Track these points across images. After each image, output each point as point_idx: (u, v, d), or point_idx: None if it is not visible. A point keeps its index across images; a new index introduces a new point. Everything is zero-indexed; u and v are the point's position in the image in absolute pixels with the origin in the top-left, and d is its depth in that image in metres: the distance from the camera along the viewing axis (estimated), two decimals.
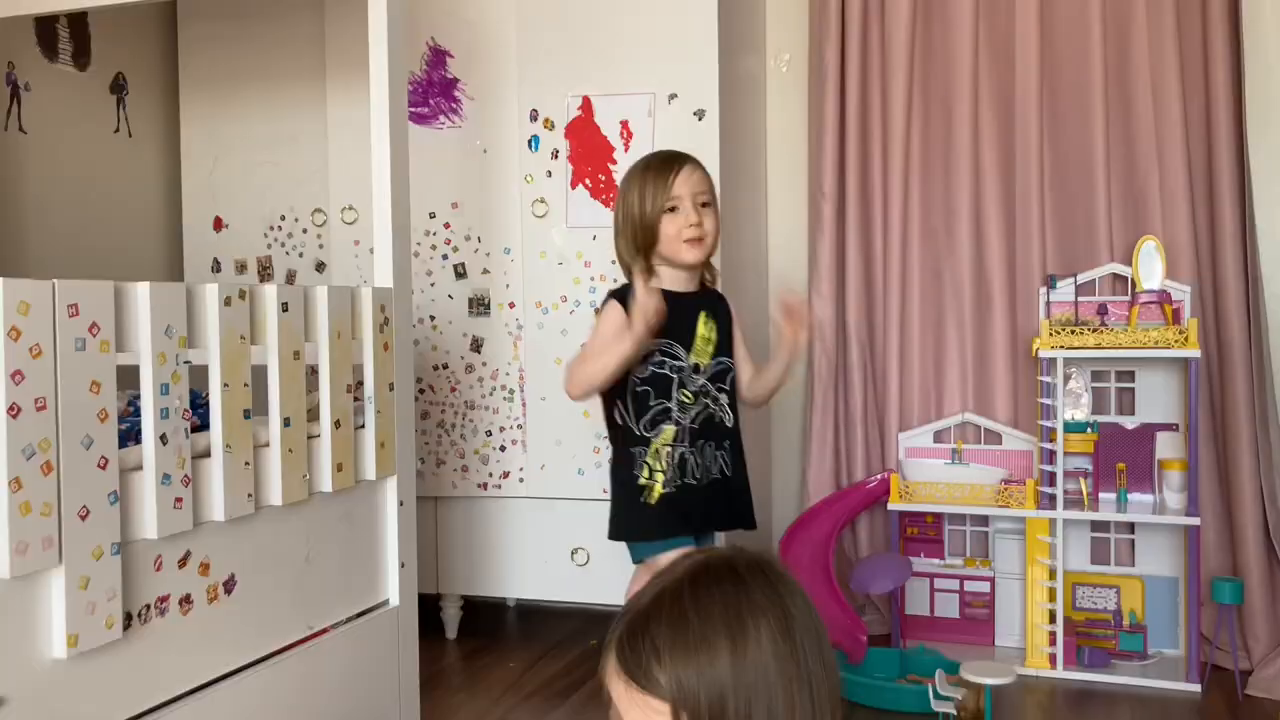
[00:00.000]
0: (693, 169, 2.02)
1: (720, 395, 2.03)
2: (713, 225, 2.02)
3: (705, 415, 2.01)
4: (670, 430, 1.99)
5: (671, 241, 1.99)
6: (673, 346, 1.99)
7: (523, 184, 2.80)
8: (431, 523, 2.88)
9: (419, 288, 2.87)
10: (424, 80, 2.89)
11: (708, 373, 2.02)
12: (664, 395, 1.99)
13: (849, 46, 2.94)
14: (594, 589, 2.78)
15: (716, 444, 2.02)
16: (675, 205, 1.99)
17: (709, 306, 2.05)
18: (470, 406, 2.85)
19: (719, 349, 2.04)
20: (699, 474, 2.00)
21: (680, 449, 1.99)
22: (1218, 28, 2.64)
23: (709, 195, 2.03)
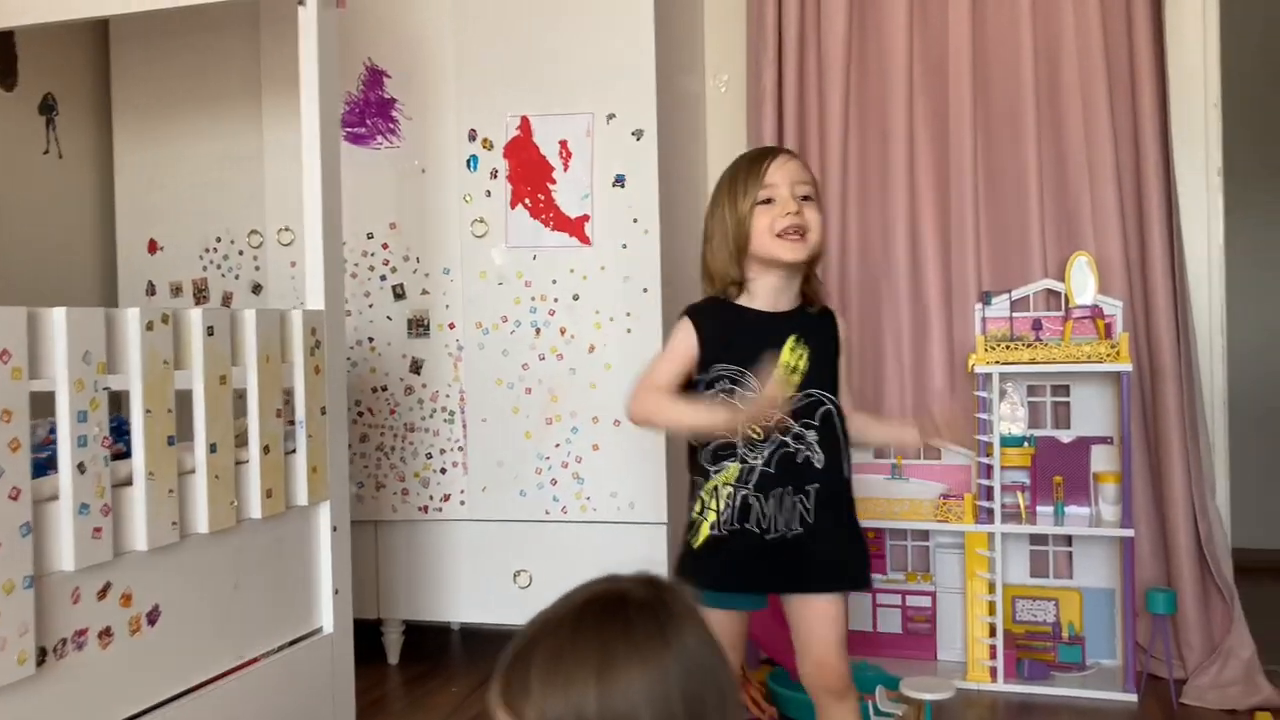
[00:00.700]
0: (789, 158, 1.77)
1: (808, 433, 1.72)
2: (817, 219, 1.73)
3: (783, 456, 1.71)
4: (734, 469, 1.71)
5: (763, 236, 1.71)
6: (744, 375, 1.70)
7: (462, 204, 2.79)
8: (372, 547, 2.85)
9: (357, 309, 2.84)
10: (361, 100, 2.87)
11: (789, 407, 1.69)
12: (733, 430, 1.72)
13: (786, 67, 2.96)
14: (538, 611, 2.75)
15: (795, 489, 1.71)
16: (770, 196, 1.72)
17: (803, 328, 1.75)
18: (410, 429, 2.82)
19: (810, 379, 1.72)
20: (765, 523, 1.70)
21: (743, 492, 1.71)
22: (1143, 48, 2.69)
23: (811, 187, 1.76)
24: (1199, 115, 2.81)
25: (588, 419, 2.70)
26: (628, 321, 2.68)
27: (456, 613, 2.85)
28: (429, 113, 2.81)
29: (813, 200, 1.74)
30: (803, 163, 1.78)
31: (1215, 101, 2.82)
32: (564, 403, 2.71)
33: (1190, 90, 2.81)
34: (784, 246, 1.70)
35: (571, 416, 2.71)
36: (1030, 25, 2.77)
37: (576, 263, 2.71)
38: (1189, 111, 2.80)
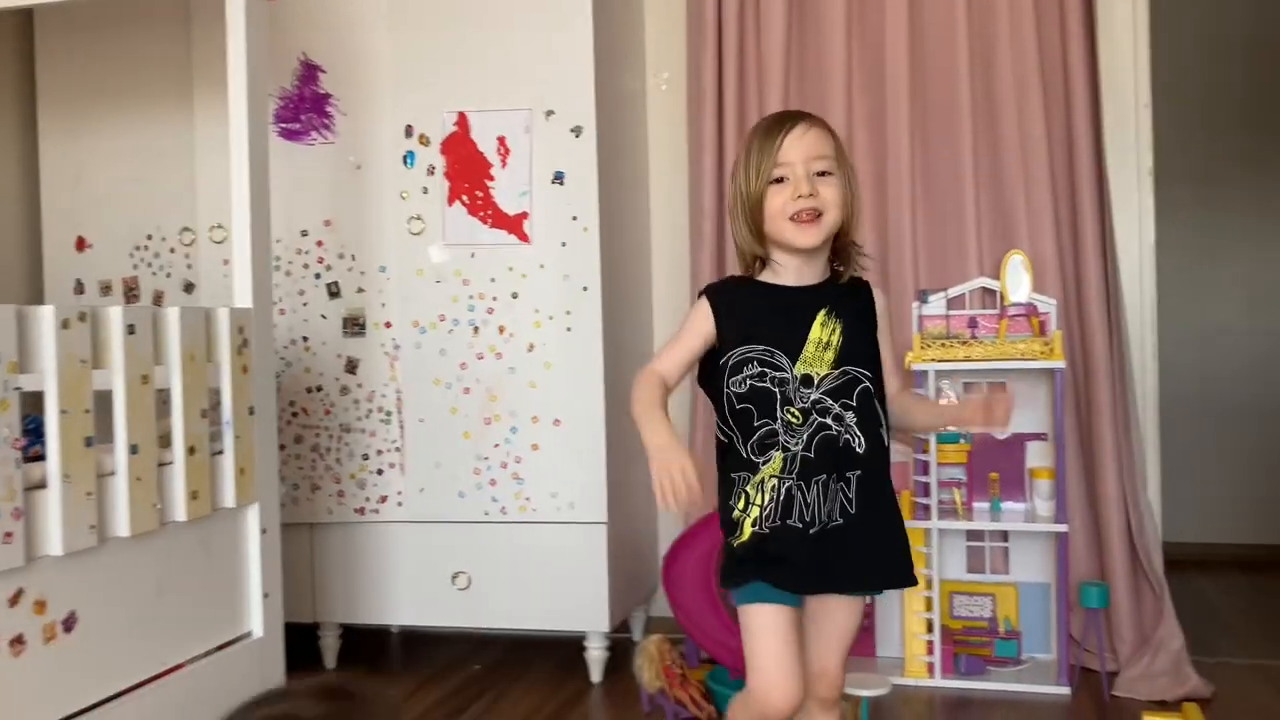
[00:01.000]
0: (807, 128, 1.60)
1: (846, 414, 1.59)
2: (835, 196, 1.58)
3: (823, 440, 1.58)
4: (779, 459, 1.58)
5: (776, 219, 1.59)
6: (774, 354, 1.59)
7: (398, 201, 2.75)
8: (307, 549, 2.80)
9: (291, 307, 2.79)
10: (296, 95, 2.82)
11: (826, 385, 1.58)
12: (768, 414, 1.58)
13: (726, 65, 2.96)
14: (477, 613, 2.73)
15: (838, 476, 1.58)
16: (783, 175, 1.58)
17: (834, 301, 1.62)
18: (346, 429, 2.78)
19: (844, 355, 1.60)
20: (808, 515, 1.57)
21: (787, 483, 1.57)
22: (1076, 51, 2.72)
23: (831, 160, 1.59)
24: (1130, 116, 2.86)
25: (527, 419, 2.67)
26: (567, 320, 2.66)
27: (395, 615, 2.81)
28: (365, 108, 2.77)
29: (831, 175, 1.59)
30: (823, 129, 1.61)
31: (1146, 103, 2.86)
32: (503, 402, 2.68)
33: (1121, 92, 2.85)
34: (796, 231, 1.58)
35: (511, 416, 2.68)
36: (965, 28, 2.80)
37: (515, 260, 2.68)
38: (1120, 113, 2.85)
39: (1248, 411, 3.94)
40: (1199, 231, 3.99)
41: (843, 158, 1.62)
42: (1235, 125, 3.95)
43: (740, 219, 1.63)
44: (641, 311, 3.11)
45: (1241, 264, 4.01)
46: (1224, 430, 3.97)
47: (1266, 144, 3.91)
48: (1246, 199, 3.97)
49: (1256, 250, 3.97)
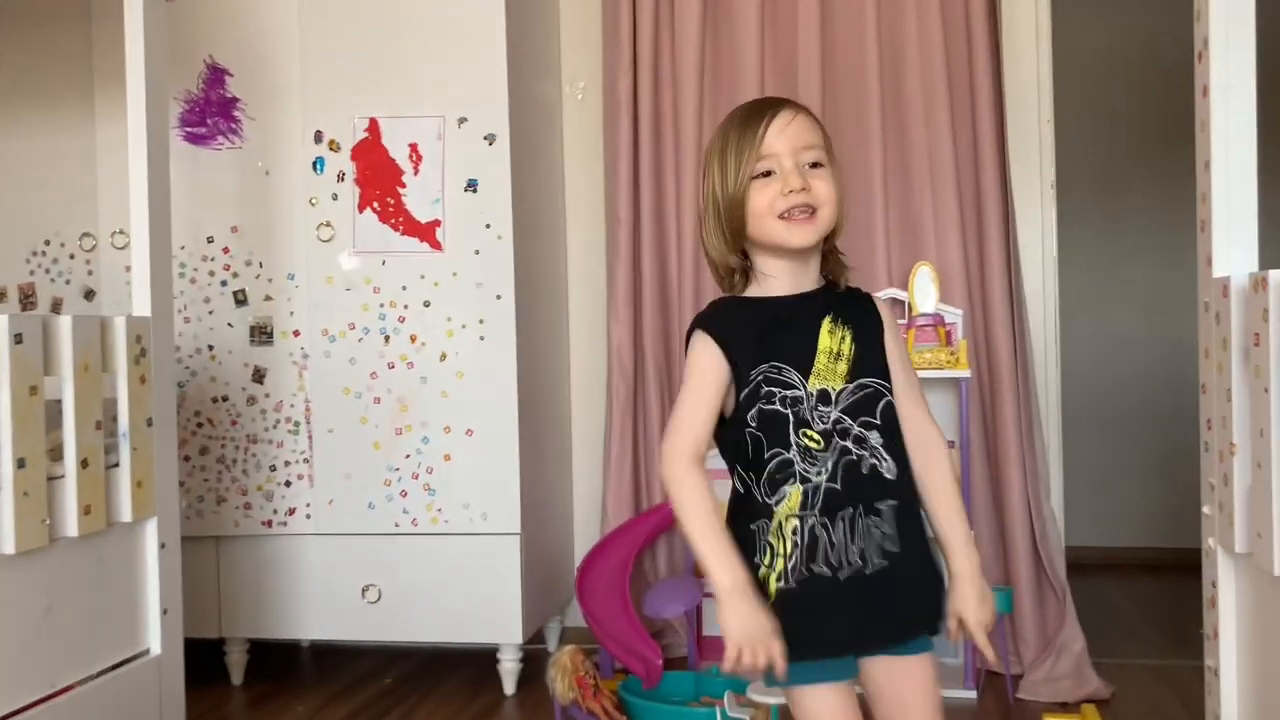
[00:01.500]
0: (791, 115, 1.38)
1: (870, 434, 1.35)
2: (829, 191, 1.37)
3: (847, 466, 1.33)
4: (796, 494, 1.32)
5: (763, 218, 1.36)
6: (782, 370, 1.34)
7: (307, 207, 2.70)
8: (213, 563, 2.73)
9: (196, 315, 2.73)
10: (202, 99, 2.76)
11: (843, 402, 1.35)
12: (780, 442, 1.33)
13: (641, 74, 2.97)
14: (387, 627, 2.69)
15: (868, 507, 1.33)
16: (769, 168, 1.36)
17: (837, 307, 1.40)
18: (253, 440, 2.72)
19: (859, 366, 1.37)
20: (834, 558, 1.32)
21: (810, 520, 1.32)
22: (981, 67, 2.79)
23: (821, 150, 1.39)
24: (1033, 131, 2.93)
25: (439, 429, 2.64)
26: (481, 329, 2.64)
27: (304, 630, 2.75)
28: (273, 113, 2.72)
29: (822, 166, 1.38)
30: (809, 118, 1.40)
31: (1048, 118, 2.94)
32: (414, 412, 2.65)
33: (1025, 107, 2.93)
34: (789, 230, 1.35)
35: (422, 426, 2.65)
36: (875, 43, 2.84)
37: (427, 268, 2.66)
38: (1024, 128, 2.92)
39: (1149, 418, 4.07)
40: (1102, 242, 4.12)
41: (830, 148, 1.41)
42: (1136, 139, 4.08)
43: (714, 225, 1.40)
44: (557, 320, 3.10)
45: (1142, 274, 4.14)
46: (1126, 436, 4.09)
47: (1166, 156, 4.03)
48: (1147, 210, 4.10)
49: (1156, 261, 4.10)
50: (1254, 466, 1.50)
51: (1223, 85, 1.62)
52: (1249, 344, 1.52)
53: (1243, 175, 1.64)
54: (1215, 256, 1.66)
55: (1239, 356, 1.56)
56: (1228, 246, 1.65)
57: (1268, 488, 1.44)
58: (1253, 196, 1.64)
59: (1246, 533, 1.54)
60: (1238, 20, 1.61)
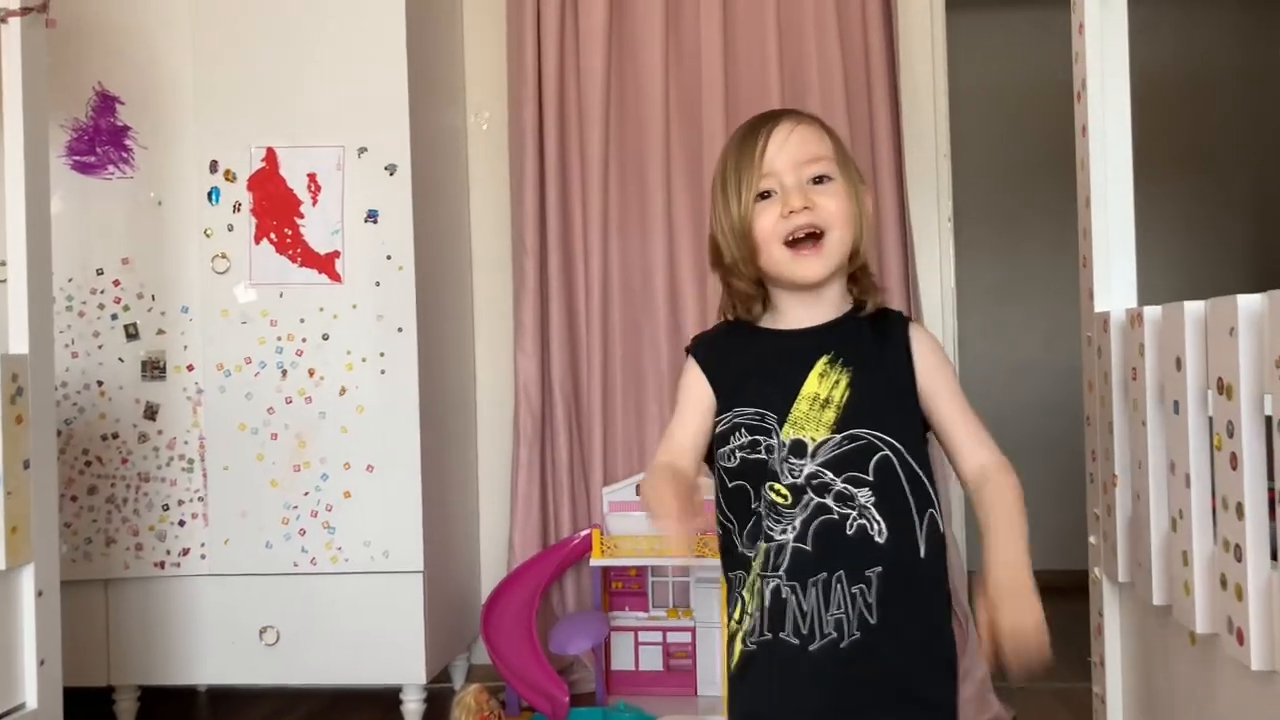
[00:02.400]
0: (791, 126, 1.27)
1: (859, 492, 1.22)
2: (838, 208, 1.24)
3: (823, 526, 1.21)
4: (764, 549, 1.23)
5: (768, 245, 1.25)
6: (764, 417, 1.25)
7: (202, 238, 2.63)
8: (101, 607, 2.63)
9: (84, 350, 2.63)
10: (91, 127, 2.67)
11: (824, 455, 1.22)
12: (756, 494, 1.25)
13: (546, 105, 2.97)
14: (286, 669, 2.61)
15: (851, 575, 1.20)
16: (769, 188, 1.26)
17: (842, 344, 1.27)
18: (144, 479, 2.63)
19: (852, 415, 1.23)
20: (804, 627, 1.20)
21: (773, 582, 1.22)
22: (880, 103, 2.85)
23: (830, 162, 1.27)
24: (931, 165, 3.00)
25: (339, 465, 2.59)
26: (381, 362, 2.60)
27: (200, 674, 2.66)
28: (166, 142, 2.65)
29: (831, 180, 1.26)
30: (813, 127, 1.29)
31: (945, 153, 3.01)
32: (313, 448, 2.59)
33: (923, 142, 2.99)
34: (795, 262, 1.24)
35: (321, 463, 2.59)
36: (778, 77, 2.88)
37: (326, 300, 2.60)
38: (922, 162, 2.98)
39: (1046, 444, 4.15)
40: (999, 273, 4.22)
41: (845, 159, 1.30)
42: (1031, 172, 4.20)
43: (730, 255, 1.28)
44: (462, 353, 3.06)
45: (1038, 304, 4.25)
46: (1024, 462, 4.07)
47: (1060, 190, 4.14)
48: (1043, 242, 4.22)
49: (1052, 291, 4.21)
50: (1133, 498, 1.54)
51: (1099, 125, 1.68)
52: (1127, 378, 1.56)
53: (1121, 212, 1.69)
54: (1096, 291, 1.71)
55: (1119, 390, 1.60)
56: (1108, 282, 1.69)
57: (1145, 519, 1.47)
58: (1130, 233, 1.70)
59: (1128, 563, 1.57)
60: (1112, 62, 1.67)
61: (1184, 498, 1.34)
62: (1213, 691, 1.34)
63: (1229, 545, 1.21)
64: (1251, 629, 1.16)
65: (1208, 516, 1.31)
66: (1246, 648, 1.17)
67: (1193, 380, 1.31)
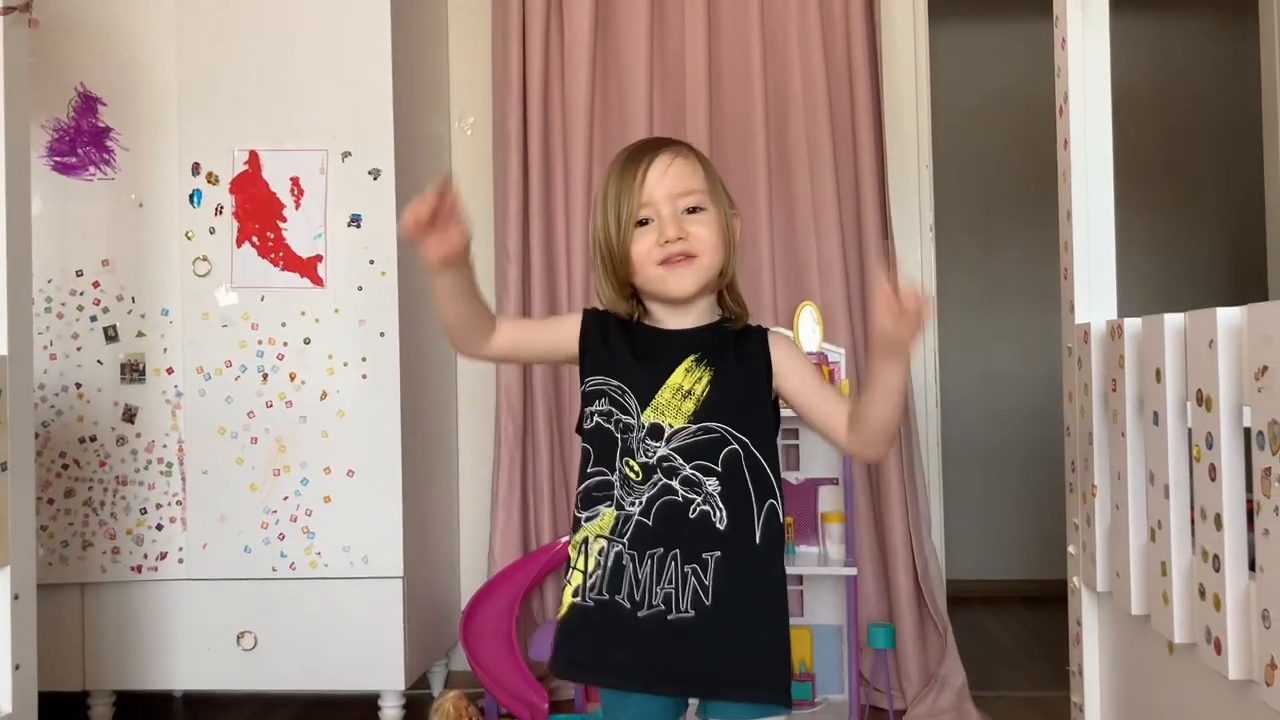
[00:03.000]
0: (671, 157, 1.37)
1: (708, 480, 1.32)
2: (708, 235, 1.36)
3: (665, 506, 1.32)
4: (609, 516, 1.34)
5: (645, 266, 1.36)
6: (625, 393, 1.35)
7: (183, 241, 2.62)
8: (77, 612, 2.60)
9: (63, 352, 2.61)
10: (72, 128, 2.66)
11: (678, 441, 1.33)
12: (606, 462, 1.35)
13: (530, 112, 2.97)
14: (264, 674, 2.59)
15: (687, 554, 1.30)
16: (647, 216, 1.36)
17: (709, 348, 1.38)
18: (122, 482, 2.61)
19: (709, 409, 1.34)
20: (638, 594, 1.31)
21: (617, 547, 1.32)
22: (863, 114, 2.86)
23: (702, 194, 1.38)
24: (913, 176, 3.02)
25: (319, 470, 2.57)
26: (363, 367, 2.59)
27: (176, 679, 2.64)
28: (148, 144, 2.64)
29: (703, 210, 1.37)
30: (690, 159, 1.40)
31: (927, 163, 3.03)
32: (293, 452, 2.58)
33: (905, 153, 3.01)
34: (667, 278, 1.35)
35: (301, 467, 2.58)
36: (761, 87, 2.89)
37: (308, 304, 2.60)
38: (904, 172, 3.01)
39: (1024, 454, 4.20)
40: (979, 283, 4.25)
41: (716, 188, 1.41)
42: (1012, 184, 4.23)
43: (602, 272, 1.39)
44: (444, 358, 3.05)
45: (1018, 314, 4.28)
46: (1004, 470, 4.21)
47: (1040, 202, 4.19)
48: (1023, 253, 4.25)
49: (1032, 302, 4.24)
50: (1113, 508, 1.55)
51: (1081, 138, 1.69)
52: (1107, 389, 1.57)
53: (1101, 225, 1.71)
54: (1077, 303, 1.72)
55: (1099, 401, 1.62)
56: (1088, 294, 1.71)
57: (1125, 529, 1.49)
58: (1111, 246, 1.72)
59: (1107, 572, 1.59)
60: (1094, 77, 1.69)
61: (1163, 508, 1.36)
62: (1191, 701, 1.35)
63: (1207, 555, 1.22)
64: (1229, 639, 1.17)
65: (1186, 527, 1.32)
66: (1224, 657, 1.18)
67: (1172, 392, 1.33)
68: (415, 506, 2.66)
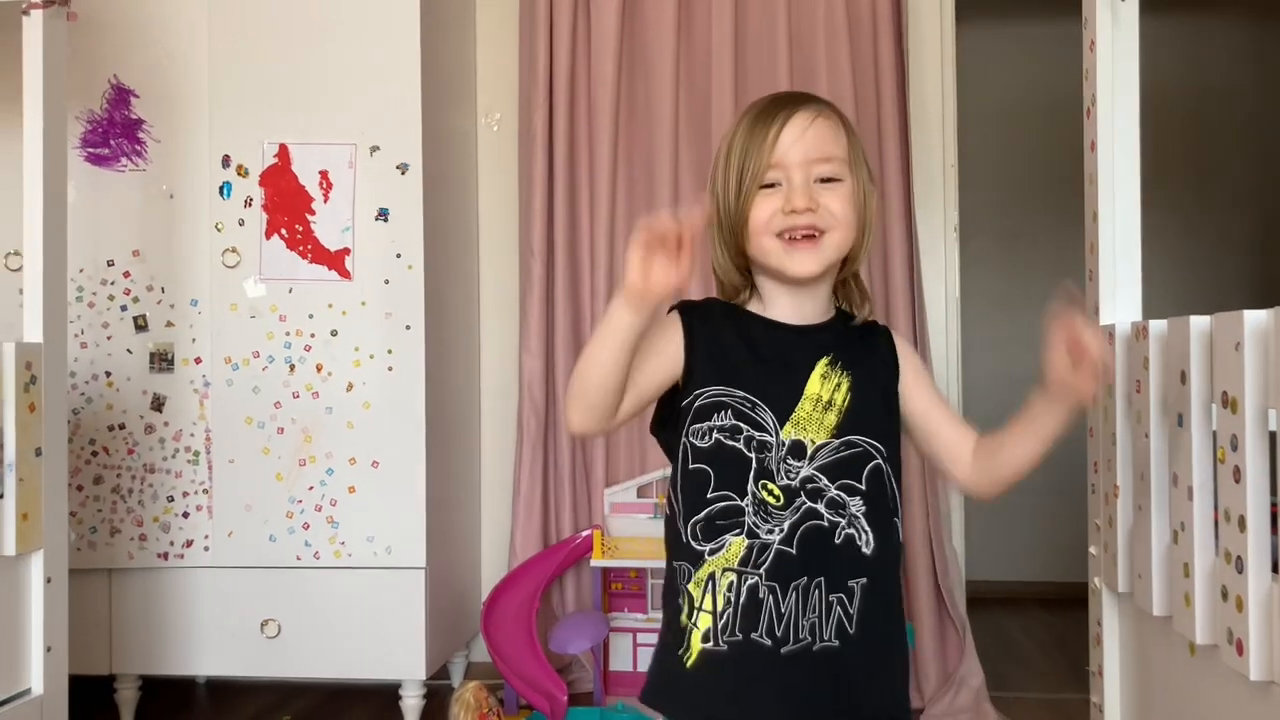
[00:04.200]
0: (810, 118, 1.21)
1: (851, 500, 1.20)
2: (842, 210, 1.20)
3: (810, 531, 1.18)
4: (738, 545, 1.18)
5: (761, 236, 1.21)
6: (756, 406, 1.19)
7: (213, 232, 2.65)
8: (104, 597, 2.64)
9: (94, 341, 2.65)
10: (105, 119, 2.69)
11: (822, 459, 1.20)
12: (733, 485, 1.19)
13: (557, 109, 2.98)
14: (287, 662, 2.62)
15: (833, 582, 1.18)
16: (775, 179, 1.21)
17: (840, 349, 1.24)
18: (150, 470, 2.64)
19: (851, 421, 1.21)
20: (779, 629, 1.17)
21: (751, 579, 1.17)
22: (889, 114, 2.86)
23: (842, 163, 1.22)
24: (938, 177, 3.02)
25: (344, 460, 2.60)
26: (389, 359, 2.61)
27: (200, 665, 2.67)
28: (179, 136, 2.67)
29: (840, 181, 1.21)
30: (833, 121, 1.24)
31: (953, 163, 3.03)
32: (319, 443, 2.60)
33: (930, 153, 3.01)
34: (787, 255, 1.20)
35: (327, 458, 2.60)
36: (788, 88, 2.90)
37: (335, 297, 2.62)
38: (929, 173, 3.00)
39: (1047, 454, 4.18)
40: (1003, 284, 4.24)
41: (859, 158, 1.25)
42: (1037, 185, 4.22)
43: (716, 235, 1.26)
44: (468, 352, 3.08)
45: (1041, 315, 4.25)
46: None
47: (1065, 203, 4.18)
48: (1047, 254, 4.24)
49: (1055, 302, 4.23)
50: (1135, 509, 1.56)
51: (1108, 141, 1.69)
52: (1131, 391, 1.58)
53: (1127, 227, 1.71)
54: (1102, 305, 1.73)
55: (1122, 403, 1.62)
56: (1113, 295, 1.71)
57: (1147, 530, 1.49)
58: (1136, 248, 1.72)
59: (1128, 573, 1.59)
60: (1123, 79, 1.69)
61: (1186, 510, 1.36)
62: (1211, 702, 1.35)
63: (1230, 557, 1.23)
64: (1251, 640, 1.17)
65: (1210, 529, 1.33)
66: (1246, 659, 1.18)
67: (1197, 394, 1.33)
68: (438, 498, 2.69)
